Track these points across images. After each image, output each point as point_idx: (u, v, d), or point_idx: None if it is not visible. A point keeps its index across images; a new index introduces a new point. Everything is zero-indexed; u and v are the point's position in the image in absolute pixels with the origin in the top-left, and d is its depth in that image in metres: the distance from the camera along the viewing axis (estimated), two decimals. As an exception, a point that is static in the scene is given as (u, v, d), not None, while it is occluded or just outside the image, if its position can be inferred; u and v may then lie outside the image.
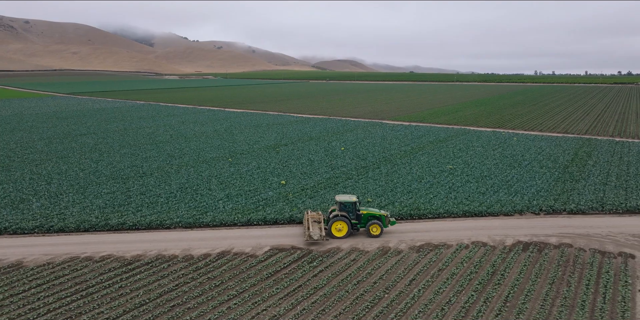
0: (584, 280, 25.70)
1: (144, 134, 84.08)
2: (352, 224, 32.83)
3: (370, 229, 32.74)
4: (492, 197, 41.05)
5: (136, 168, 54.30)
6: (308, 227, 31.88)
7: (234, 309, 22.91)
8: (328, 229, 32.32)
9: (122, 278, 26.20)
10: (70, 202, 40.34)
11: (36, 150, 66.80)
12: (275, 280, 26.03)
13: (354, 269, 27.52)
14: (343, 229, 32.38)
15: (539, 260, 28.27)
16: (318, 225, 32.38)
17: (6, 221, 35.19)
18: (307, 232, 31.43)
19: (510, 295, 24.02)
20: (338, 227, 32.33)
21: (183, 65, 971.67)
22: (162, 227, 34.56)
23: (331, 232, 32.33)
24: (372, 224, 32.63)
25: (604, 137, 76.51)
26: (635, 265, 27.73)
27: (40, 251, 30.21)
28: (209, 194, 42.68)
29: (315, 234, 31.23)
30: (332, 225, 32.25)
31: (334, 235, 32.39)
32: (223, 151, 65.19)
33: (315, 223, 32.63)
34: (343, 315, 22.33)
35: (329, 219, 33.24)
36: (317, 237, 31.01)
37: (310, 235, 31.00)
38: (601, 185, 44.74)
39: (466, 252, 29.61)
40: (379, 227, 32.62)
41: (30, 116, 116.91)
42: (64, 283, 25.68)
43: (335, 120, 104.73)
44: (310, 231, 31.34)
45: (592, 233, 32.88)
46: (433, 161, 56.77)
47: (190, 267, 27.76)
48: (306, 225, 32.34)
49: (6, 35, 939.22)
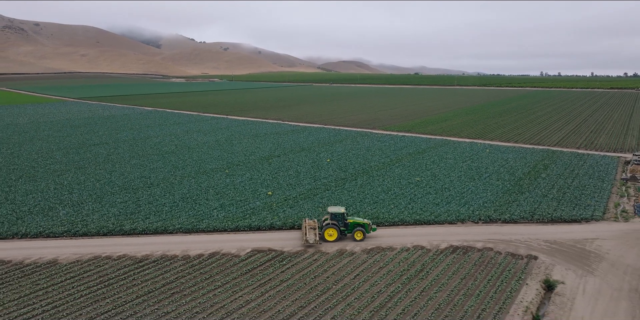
0: (489, 276, 33.30)
1: (151, 144, 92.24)
2: (341, 231, 40.59)
3: (355, 235, 40.55)
4: (443, 207, 48.65)
5: (144, 179, 62.36)
6: (305, 233, 39.80)
7: (218, 295, 30.75)
8: (321, 234, 40.13)
9: (135, 272, 34.14)
10: (90, 210, 48.45)
11: (56, 160, 75.15)
12: (252, 275, 33.88)
13: (314, 266, 35.29)
14: (333, 234, 40.16)
15: (460, 261, 35.89)
16: (313, 231, 40.25)
17: (40, 226, 43.32)
18: (304, 237, 39.37)
19: (427, 287, 31.71)
20: (329, 233, 40.13)
21: (190, 67, 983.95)
22: (166, 232, 42.52)
23: (324, 237, 40.14)
24: (357, 230, 40.47)
25: (570, 149, 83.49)
26: (534, 265, 35.25)
27: (69, 251, 38.26)
28: (206, 204, 50.60)
29: (311, 238, 39.07)
30: (325, 231, 40.10)
31: (326, 240, 40.20)
32: (221, 162, 73.13)
33: (311, 229, 40.52)
34: (299, 300, 30.09)
35: (322, 226, 40.99)
36: (312, 241, 38.85)
37: (307, 240, 38.89)
38: (541, 197, 52.14)
39: (405, 254, 37.27)
40: (362, 233, 40.48)
41: (46, 124, 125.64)
42: (90, 276, 33.67)
43: (328, 129, 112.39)
44: (307, 236, 39.23)
45: (513, 239, 40.40)
46: (405, 173, 64.33)
47: (187, 264, 35.66)
48: (304, 231, 40.28)
49: (17, 37, 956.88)
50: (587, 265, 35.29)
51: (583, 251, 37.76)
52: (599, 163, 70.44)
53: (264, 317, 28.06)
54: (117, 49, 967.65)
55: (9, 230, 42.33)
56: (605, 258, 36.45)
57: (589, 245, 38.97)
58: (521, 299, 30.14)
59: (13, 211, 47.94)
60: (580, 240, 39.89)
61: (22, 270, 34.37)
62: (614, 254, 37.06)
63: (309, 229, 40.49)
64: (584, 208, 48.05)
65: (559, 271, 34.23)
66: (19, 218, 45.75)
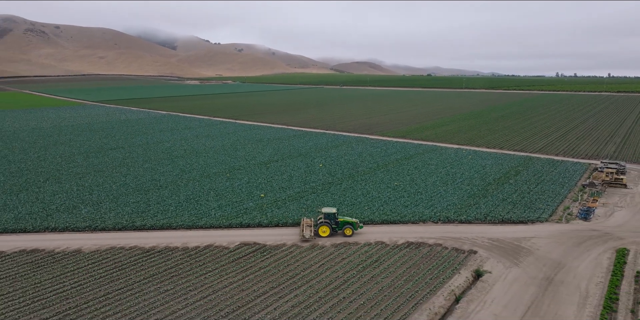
0: (431, 266, 40.41)
1: (162, 148, 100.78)
2: (332, 228, 47.95)
3: (345, 231, 47.95)
4: (410, 209, 55.72)
5: (155, 181, 70.60)
6: (302, 229, 47.18)
7: (208, 278, 38.45)
8: (316, 230, 47.49)
9: (143, 259, 42.06)
10: (108, 209, 56.72)
11: (77, 164, 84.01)
12: (237, 262, 41.53)
13: (289, 257, 42.80)
14: (326, 231, 47.55)
15: (410, 254, 43.05)
16: (309, 228, 47.73)
17: (66, 222, 51.66)
18: (301, 232, 46.77)
19: (377, 274, 38.98)
20: (323, 230, 47.55)
21: (204, 68, 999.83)
22: (170, 228, 50.45)
23: (318, 233, 47.54)
24: (346, 227, 47.92)
25: (548, 156, 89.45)
26: (472, 258, 42.22)
27: (91, 243, 46.41)
28: (206, 204, 58.49)
29: (307, 234, 46.57)
30: (319, 228, 47.54)
31: (320, 235, 47.59)
32: (224, 167, 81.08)
33: (307, 226, 48.00)
34: (271, 282, 37.61)
35: (317, 224, 48.39)
36: (308, 236, 46.33)
37: (304, 235, 46.42)
38: (500, 201, 58.83)
39: (367, 248, 44.56)
40: (351, 230, 47.87)
41: (67, 128, 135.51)
42: (107, 261, 41.69)
43: (328, 135, 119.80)
44: (303, 232, 46.76)
45: (462, 237, 47.35)
46: (386, 178, 71.42)
47: (185, 254, 43.48)
48: (301, 228, 47.69)
49: (39, 40, 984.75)
50: (516, 258, 42.15)
51: (517, 247, 44.57)
52: (568, 169, 76.55)
53: (242, 294, 35.67)
54: (133, 51, 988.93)
55: (41, 225, 50.76)
56: (534, 253, 43.22)
57: (524, 242, 45.74)
58: (451, 284, 37.24)
59: (43, 209, 56.46)
60: (519, 239, 46.67)
61: (53, 257, 42.61)
62: (543, 250, 43.80)
63: (306, 226, 48.06)
64: (534, 211, 54.68)
65: (491, 263, 41.18)
66: (49, 215, 54.21)
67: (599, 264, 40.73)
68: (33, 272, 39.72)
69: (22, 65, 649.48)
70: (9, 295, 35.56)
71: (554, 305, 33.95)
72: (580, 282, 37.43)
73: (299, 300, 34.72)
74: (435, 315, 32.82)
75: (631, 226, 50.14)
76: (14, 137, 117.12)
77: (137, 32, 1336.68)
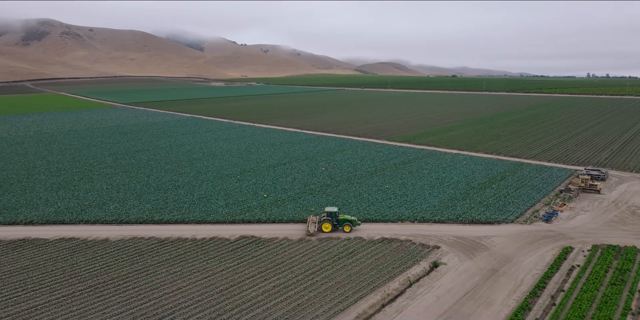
0: (396, 258, 47.67)
1: (183, 151, 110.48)
2: (334, 225, 55.64)
3: (344, 228, 55.59)
4: (393, 209, 62.87)
5: (173, 182, 79.82)
6: (308, 225, 55.12)
7: (210, 263, 46.83)
8: (319, 226, 55.34)
9: (158, 248, 50.83)
10: (132, 205, 66.02)
11: (107, 165, 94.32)
12: (235, 252, 49.80)
13: (279, 248, 50.79)
14: (328, 227, 55.23)
15: (382, 248, 50.39)
16: (314, 224, 55.63)
17: (96, 216, 61.12)
18: (307, 228, 54.72)
19: (348, 263, 46.51)
20: (325, 226, 55.28)
21: (230, 69, 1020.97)
22: (183, 222, 59.21)
23: (321, 229, 55.35)
24: (346, 224, 55.64)
25: (540, 162, 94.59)
26: (434, 252, 49.23)
27: (116, 234, 55.57)
28: (215, 202, 67.12)
29: (311, 229, 54.50)
30: (322, 225, 55.40)
31: (323, 231, 55.30)
32: (236, 169, 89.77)
33: (312, 223, 55.92)
34: (260, 267, 45.69)
35: (320, 221, 56.18)
36: (312, 231, 54.26)
37: (309, 230, 54.40)
38: (477, 203, 65.30)
39: (346, 242, 52.13)
40: (349, 226, 55.46)
41: (99, 131, 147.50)
42: (129, 249, 50.62)
43: (338, 139, 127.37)
44: (308, 228, 54.66)
45: (431, 234, 54.33)
46: (380, 182, 78.58)
47: (193, 244, 52.04)
48: (307, 224, 55.65)
49: (74, 43, 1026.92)
50: (472, 253, 48.97)
51: (477, 244, 51.31)
52: (552, 176, 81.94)
53: (235, 276, 43.87)
54: (162, 53, 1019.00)
55: (76, 218, 60.37)
56: (489, 249, 49.91)
57: (485, 240, 52.40)
58: (408, 273, 44.49)
59: (78, 205, 66.24)
60: (480, 237, 53.35)
61: (86, 244, 51.92)
62: (498, 247, 50.42)
63: (311, 222, 55.95)
64: (503, 213, 61.04)
65: (449, 257, 48.16)
66: (82, 210, 63.89)
67: (542, 259, 47.19)
68: (70, 255, 49.00)
69: (58, 67, 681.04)
70: (52, 272, 44.82)
71: (489, 291, 40.83)
72: (520, 274, 44.11)
73: (280, 282, 42.70)
74: (388, 295, 40.21)
75: (585, 228, 56.04)
76: (52, 139, 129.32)
77: (166, 34, 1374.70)
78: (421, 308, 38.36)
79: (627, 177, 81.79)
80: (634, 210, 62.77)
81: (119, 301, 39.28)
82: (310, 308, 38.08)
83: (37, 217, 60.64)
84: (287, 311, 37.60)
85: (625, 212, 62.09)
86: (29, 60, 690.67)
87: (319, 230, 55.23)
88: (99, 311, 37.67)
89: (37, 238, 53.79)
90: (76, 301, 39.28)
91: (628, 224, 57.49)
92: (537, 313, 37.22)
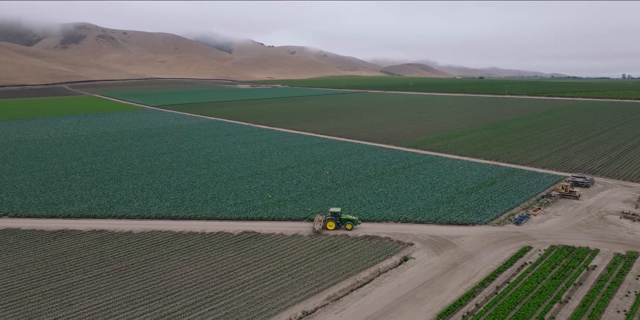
0: (373, 253, 55.13)
1: (203, 154, 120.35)
2: (337, 223, 63.62)
3: (346, 226, 63.41)
4: (381, 211, 70.20)
5: (191, 182, 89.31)
6: (315, 223, 63.25)
7: (214, 253, 55.53)
8: (324, 224, 63.41)
9: (173, 240, 59.91)
10: (153, 203, 75.65)
11: (134, 166, 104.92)
12: (236, 244, 58.37)
13: (274, 242, 59.05)
14: (332, 225, 63.20)
15: (362, 244, 57.93)
16: (319, 222, 63.74)
17: (123, 212, 70.93)
18: (313, 226, 62.78)
19: (330, 256, 54.31)
20: (330, 224, 63.28)
21: (257, 71, 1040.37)
22: (195, 219, 68.28)
23: (326, 227, 63.38)
24: (347, 223, 63.54)
25: (534, 169, 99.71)
26: (407, 248, 56.43)
27: (139, 227, 65.07)
28: (225, 202, 76.00)
29: (317, 226, 62.53)
30: (327, 223, 63.47)
31: (327, 229, 63.28)
32: (249, 172, 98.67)
33: (318, 221, 64.05)
34: (255, 256, 54.05)
35: (325, 219, 64.21)
36: (318, 229, 62.26)
37: (314, 228, 62.48)
38: (458, 207, 71.87)
39: (332, 238, 59.92)
40: (351, 225, 63.22)
41: (129, 133, 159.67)
42: (148, 239, 59.92)
43: (348, 144, 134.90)
44: (315, 225, 62.78)
45: (409, 233, 61.47)
46: (376, 185, 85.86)
47: (202, 237, 60.90)
48: (314, 222, 63.79)
49: (108, 46, 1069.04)
50: (440, 250, 55.96)
51: (447, 242, 58.21)
52: (540, 182, 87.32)
53: (233, 263, 52.37)
54: (192, 55, 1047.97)
55: (106, 213, 70.34)
56: (457, 247, 56.76)
57: (455, 239, 59.22)
58: (380, 265, 51.96)
59: (107, 202, 76.36)
60: (452, 236, 60.18)
61: (113, 235, 61.57)
62: (465, 245, 57.19)
63: (317, 221, 63.99)
64: (480, 215, 67.52)
65: (419, 252, 55.32)
66: (111, 206, 73.92)
67: (501, 257, 53.80)
68: (99, 244, 58.64)
69: (93, 69, 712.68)
70: (85, 257, 54.45)
71: (445, 282, 47.93)
72: (476, 268, 50.94)
73: (270, 269, 50.97)
74: (358, 282, 47.85)
75: (550, 230, 62.04)
76: (87, 142, 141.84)
77: (196, 37, 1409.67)
78: (383, 293, 45.84)
79: (612, 184, 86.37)
80: (603, 215, 68.11)
81: (137, 281, 48.39)
82: (291, 290, 46.17)
83: (73, 212, 70.96)
84: (272, 293, 45.80)
85: (594, 217, 67.52)
86: (67, 63, 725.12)
87: (323, 228, 62.99)
88: (121, 288, 46.81)
89: (73, 229, 63.86)
90: (104, 280, 48.61)
91: (592, 228, 63.12)
92: (479, 300, 44.14)
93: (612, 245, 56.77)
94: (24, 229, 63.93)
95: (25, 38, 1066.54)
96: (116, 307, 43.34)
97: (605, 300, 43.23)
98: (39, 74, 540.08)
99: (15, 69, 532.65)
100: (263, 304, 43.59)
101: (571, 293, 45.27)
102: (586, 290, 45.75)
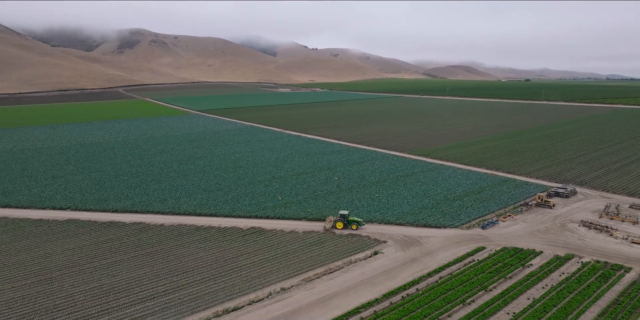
0: (351, 248, 67.48)
1: (233, 159, 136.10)
2: (344, 224, 76.46)
3: (352, 226, 76.05)
4: (370, 214, 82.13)
5: (217, 185, 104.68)
6: (326, 223, 76.39)
7: (224, 244, 69.85)
8: (333, 224, 76.53)
9: (194, 231, 74.78)
10: (183, 202, 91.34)
11: (172, 169, 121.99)
12: (243, 237, 72.46)
13: (274, 237, 72.62)
14: (340, 225, 75.72)
15: (345, 240, 70.35)
16: (330, 222, 77.04)
17: (158, 208, 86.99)
18: (325, 225, 75.89)
19: (315, 250, 67.15)
20: (338, 224, 76.08)
21: (299, 74, 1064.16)
22: (215, 215, 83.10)
23: (335, 227, 76.47)
24: (353, 223, 76.27)
25: (527, 179, 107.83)
26: (380, 245, 68.28)
27: (170, 221, 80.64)
28: (243, 202, 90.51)
29: (328, 226, 75.73)
30: (336, 223, 76.55)
31: (336, 228, 76.12)
32: (269, 176, 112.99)
33: (329, 221, 77.39)
34: (255, 247, 67.84)
35: (335, 220, 77.30)
36: (328, 228, 75.46)
37: (325, 227, 75.82)
38: (439, 212, 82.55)
39: (321, 235, 72.68)
40: (356, 226, 75.56)
41: (172, 138, 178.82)
42: (175, 231, 75.14)
43: (365, 151, 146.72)
44: (326, 224, 76.08)
45: (387, 233, 73.20)
46: (375, 191, 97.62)
47: (217, 230, 75.43)
48: (325, 222, 76.92)
49: (160, 50, 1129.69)
50: (407, 247, 67.49)
51: (415, 241, 69.57)
52: (525, 191, 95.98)
53: (236, 251, 66.39)
54: (237, 59, 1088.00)
55: (145, 209, 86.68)
56: (422, 245, 68.04)
57: (423, 239, 70.45)
58: (353, 257, 64.30)
59: (147, 200, 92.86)
60: (422, 237, 71.41)
61: (149, 227, 77.41)
62: (430, 244, 68.35)
63: (328, 221, 77.18)
64: (454, 220, 78.08)
65: (389, 249, 67.12)
66: (150, 204, 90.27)
67: (455, 254, 64.71)
68: (138, 233, 74.47)
69: (146, 73, 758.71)
70: (126, 243, 70.31)
71: (400, 271, 59.65)
72: (430, 262, 62.26)
73: (264, 257, 64.65)
74: (330, 269, 60.53)
75: (510, 235, 71.88)
76: (135, 145, 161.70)
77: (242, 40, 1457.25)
78: (347, 278, 58.29)
79: (593, 195, 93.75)
80: (565, 223, 76.85)
81: (163, 262, 63.41)
82: (276, 273, 59.57)
83: (119, 207, 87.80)
84: (261, 274, 59.39)
85: (556, 224, 76.43)
86: (122, 67, 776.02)
87: (333, 227, 75.65)
88: (151, 266, 61.93)
89: (119, 221, 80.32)
90: (139, 260, 64.02)
91: (548, 234, 72.37)
92: (421, 286, 55.69)
93: (556, 249, 66.21)
94: (82, 220, 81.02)
95: (85, 44, 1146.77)
96: (146, 279, 58.35)
97: (522, 291, 53.64)
98: (98, 79, 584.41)
99: (77, 74, 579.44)
100: (252, 282, 57.26)
101: (499, 284, 55.86)
102: (512, 282, 56.16)
